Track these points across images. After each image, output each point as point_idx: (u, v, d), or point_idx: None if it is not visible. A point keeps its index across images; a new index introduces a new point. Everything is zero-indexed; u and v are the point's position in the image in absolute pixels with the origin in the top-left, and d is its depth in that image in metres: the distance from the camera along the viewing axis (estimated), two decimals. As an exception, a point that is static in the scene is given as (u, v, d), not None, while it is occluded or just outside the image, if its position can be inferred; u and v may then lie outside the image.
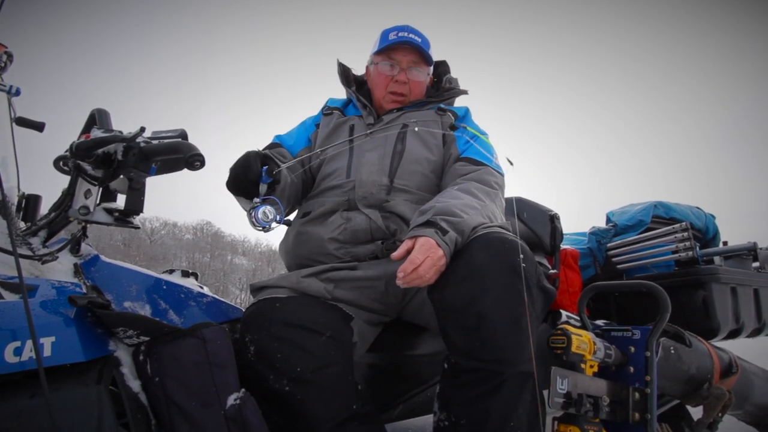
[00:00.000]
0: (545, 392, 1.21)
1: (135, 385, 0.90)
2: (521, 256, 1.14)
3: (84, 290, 0.96)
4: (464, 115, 1.59)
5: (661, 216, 2.08)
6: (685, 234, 1.82)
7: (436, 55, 1.62)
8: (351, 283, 1.34)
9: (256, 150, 1.33)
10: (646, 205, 2.12)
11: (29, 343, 0.75)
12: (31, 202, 1.53)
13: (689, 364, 1.47)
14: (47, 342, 0.79)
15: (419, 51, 1.56)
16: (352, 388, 1.20)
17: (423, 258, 1.11)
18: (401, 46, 1.55)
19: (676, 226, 1.86)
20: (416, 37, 1.55)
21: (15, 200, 1.53)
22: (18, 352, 0.76)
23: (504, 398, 1.08)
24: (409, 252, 1.13)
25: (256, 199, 1.21)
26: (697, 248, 1.84)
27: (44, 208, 1.36)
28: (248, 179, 1.23)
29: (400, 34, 1.55)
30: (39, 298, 0.86)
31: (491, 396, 1.09)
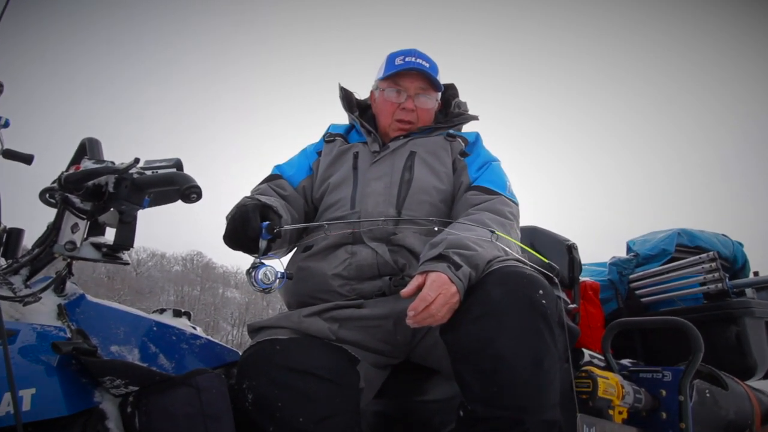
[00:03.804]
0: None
1: (122, 440, 0.86)
2: (540, 291, 1.12)
3: (68, 335, 0.93)
4: (474, 140, 1.58)
5: (686, 244, 2.06)
6: (713, 264, 1.80)
7: (444, 76, 1.62)
8: (357, 322, 1.31)
9: (255, 201, 1.32)
10: (669, 233, 2.10)
11: (7, 396, 0.72)
12: (12, 236, 1.51)
13: (727, 408, 1.42)
14: (27, 394, 0.76)
15: (427, 77, 1.55)
16: (359, 440, 1.16)
17: (435, 295, 1.08)
18: (408, 72, 1.54)
19: (703, 255, 1.84)
20: (424, 62, 1.55)
21: (-4, 235, 1.51)
22: (-5, 406, 0.73)
23: None
24: (419, 288, 1.11)
25: (256, 259, 1.19)
26: (727, 279, 1.81)
27: (27, 243, 1.34)
28: (247, 236, 1.22)
29: (407, 59, 1.54)
30: (19, 344, 0.84)
31: None
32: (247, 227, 1.23)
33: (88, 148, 1.26)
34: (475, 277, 1.17)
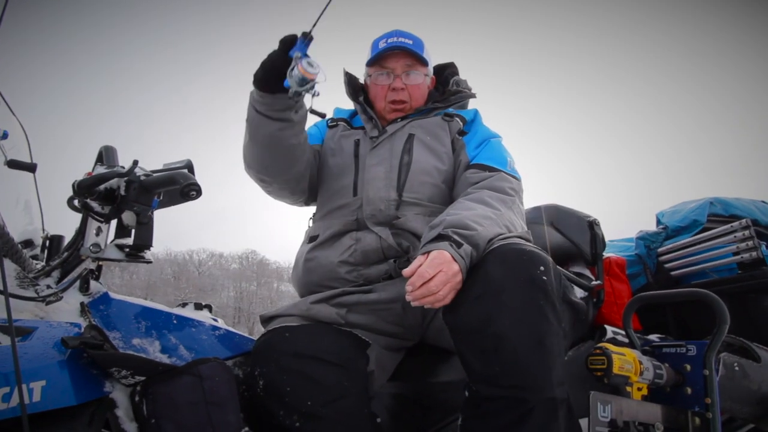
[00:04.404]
0: (585, 421, 1.12)
1: (131, 427, 0.90)
2: (542, 268, 1.08)
3: (82, 330, 0.98)
4: (473, 118, 1.54)
5: (719, 214, 1.93)
6: (747, 232, 1.67)
7: (437, 57, 1.59)
8: (365, 306, 1.32)
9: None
10: (701, 202, 1.98)
11: (17, 389, 0.76)
12: (54, 242, 1.61)
13: (759, 382, 1.33)
14: (37, 386, 0.81)
15: (412, 53, 1.52)
16: (368, 422, 1.16)
17: (435, 272, 1.06)
18: (393, 53, 1.52)
19: (735, 223, 1.72)
20: (407, 40, 1.52)
21: (39, 241, 1.62)
22: (6, 398, 0.77)
23: (532, 429, 1.01)
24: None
25: (296, 53, 1.11)
26: (763, 247, 1.69)
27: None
28: (280, 65, 1.15)
29: (389, 41, 1.52)
30: (34, 341, 0.89)
31: (518, 427, 1.02)
32: (284, 45, 1.16)
33: (104, 156, 1.32)
34: (477, 256, 1.14)
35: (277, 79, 1.18)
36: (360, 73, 1.68)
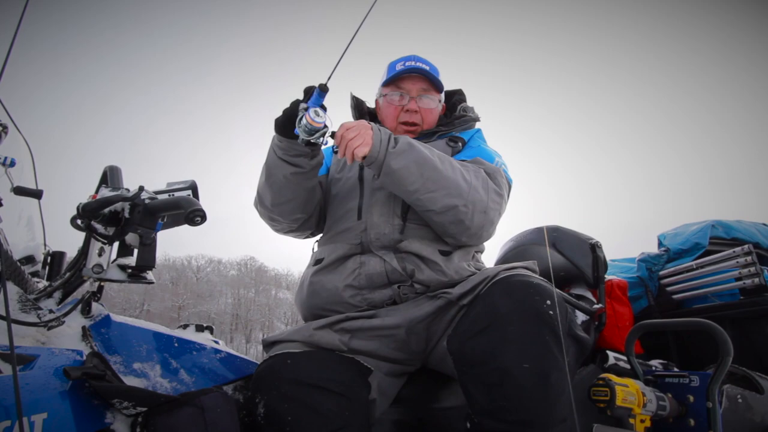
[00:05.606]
0: (587, 452, 1.11)
1: (131, 459, 0.89)
2: (548, 302, 1.07)
3: (84, 358, 0.97)
4: (470, 138, 1.56)
5: (721, 237, 1.93)
6: (749, 258, 1.67)
7: (446, 79, 1.61)
8: (369, 332, 1.31)
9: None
10: (703, 225, 1.98)
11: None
12: (56, 258, 1.60)
13: (762, 414, 1.32)
14: (38, 419, 0.79)
15: (428, 78, 1.55)
16: (369, 452, 1.15)
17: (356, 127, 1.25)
18: (409, 75, 1.55)
19: (738, 249, 1.72)
20: (424, 65, 1.55)
21: (40, 257, 1.61)
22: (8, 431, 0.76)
23: None
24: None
25: (303, 105, 1.23)
26: (766, 273, 1.68)
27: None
28: (297, 113, 1.26)
29: (407, 64, 1.55)
30: (36, 370, 0.88)
31: None
32: (296, 105, 1.27)
33: (108, 176, 1.32)
34: (392, 148, 1.26)
35: (293, 125, 1.27)
36: (365, 97, 1.70)
